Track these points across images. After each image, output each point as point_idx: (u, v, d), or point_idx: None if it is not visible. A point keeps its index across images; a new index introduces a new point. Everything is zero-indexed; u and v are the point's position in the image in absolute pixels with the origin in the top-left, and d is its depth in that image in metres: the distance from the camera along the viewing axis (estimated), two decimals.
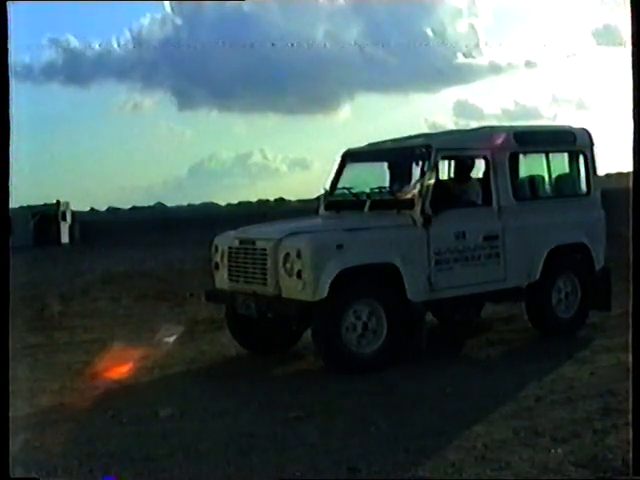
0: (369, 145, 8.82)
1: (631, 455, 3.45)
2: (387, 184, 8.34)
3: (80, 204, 59.03)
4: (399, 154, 8.30)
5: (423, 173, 7.42)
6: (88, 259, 22.76)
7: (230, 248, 7.59)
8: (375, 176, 8.50)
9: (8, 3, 3.11)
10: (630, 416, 3.42)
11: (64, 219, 36.10)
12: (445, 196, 7.46)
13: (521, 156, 8.35)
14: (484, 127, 8.71)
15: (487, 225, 7.65)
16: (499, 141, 7.91)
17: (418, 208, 7.22)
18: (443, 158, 7.85)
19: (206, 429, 5.45)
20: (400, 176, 8.30)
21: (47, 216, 34.94)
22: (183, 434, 5.33)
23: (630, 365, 3.37)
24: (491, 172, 7.81)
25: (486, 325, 8.98)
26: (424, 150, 7.52)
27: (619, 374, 6.01)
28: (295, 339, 7.87)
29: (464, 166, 8.14)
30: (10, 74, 3.18)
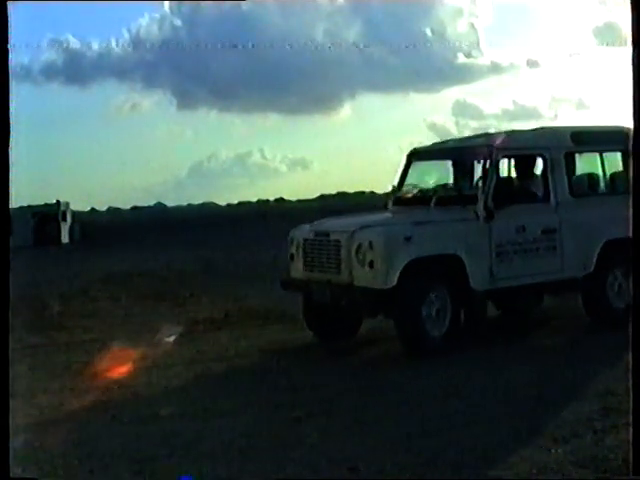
0: (434, 144, 9.62)
1: (631, 455, 3.45)
2: (451, 181, 8.94)
3: (80, 204, 59.16)
4: (462, 153, 8.83)
5: (485, 171, 7.95)
6: (88, 259, 22.75)
7: (305, 240, 8.16)
8: (440, 173, 9.12)
9: (8, 3, 3.11)
10: (630, 416, 3.42)
11: (64, 219, 36.09)
12: (506, 192, 7.98)
13: (577, 155, 8.75)
14: (543, 127, 9.13)
15: (545, 219, 8.12)
16: (556, 141, 8.46)
17: (481, 203, 7.71)
18: (504, 157, 8.33)
19: (206, 429, 5.45)
20: (464, 173, 8.90)
21: (47, 216, 34.93)
22: (183, 434, 5.33)
23: (630, 365, 3.37)
24: (549, 170, 8.30)
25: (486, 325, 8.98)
26: (486, 149, 8.07)
27: (619, 374, 6.00)
28: (358, 327, 8.38)
29: (526, 163, 8.65)
30: (10, 74, 3.18)
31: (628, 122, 3.37)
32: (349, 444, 4.96)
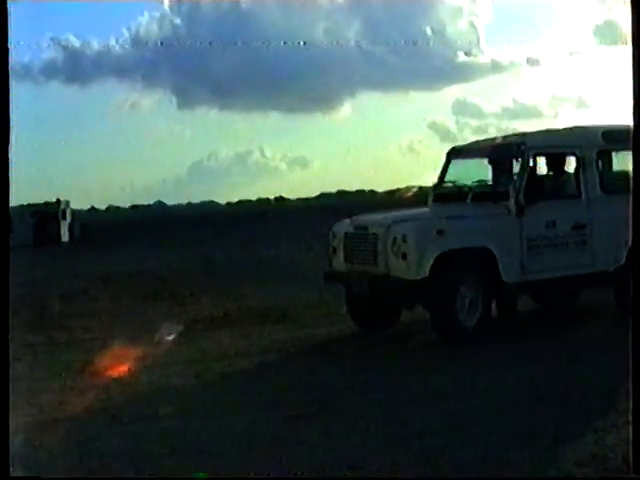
0: (471, 143, 10.05)
1: (631, 454, 3.45)
2: (487, 178, 9.27)
3: (80, 203, 59.09)
4: (497, 151, 9.12)
5: (518, 168, 8.39)
6: (88, 258, 22.75)
7: (346, 234, 8.59)
8: (477, 171, 9.39)
9: (8, 3, 3.11)
10: (630, 415, 3.42)
11: (64, 218, 36.06)
12: (538, 189, 8.33)
13: (608, 153, 9.02)
14: (576, 127, 9.38)
15: (576, 215, 8.46)
16: (588, 139, 8.76)
17: (512, 199, 8.12)
18: (536, 155, 8.66)
19: (206, 429, 5.45)
20: (499, 171, 9.22)
21: (47, 215, 34.90)
22: (183, 433, 5.33)
23: (630, 365, 3.37)
24: (580, 167, 8.65)
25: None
26: (519, 147, 8.47)
27: (619, 374, 6.00)
28: (397, 318, 8.68)
29: (558, 161, 9.02)
30: (10, 74, 3.18)
31: (628, 121, 3.36)
32: (349, 443, 4.96)
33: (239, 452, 4.88)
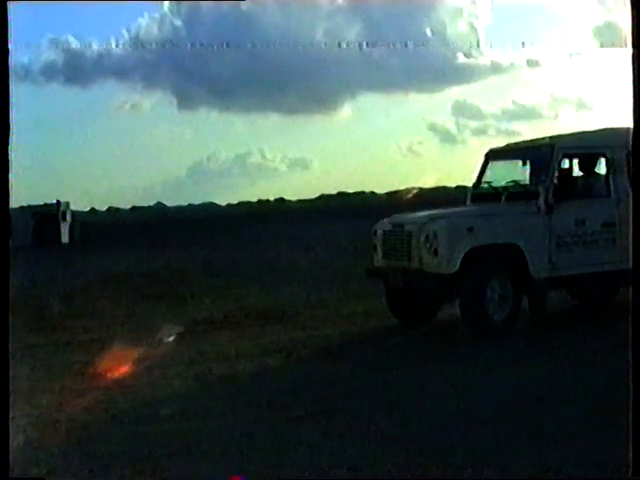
0: (507, 145, 10.45)
1: (631, 455, 3.45)
2: (522, 179, 9.53)
3: (80, 204, 58.83)
4: (530, 153, 9.51)
5: (548, 168, 8.74)
6: (88, 259, 22.74)
7: (385, 232, 9.05)
8: (512, 172, 9.76)
9: (8, 3, 3.11)
10: (630, 416, 3.41)
11: (64, 219, 36.04)
12: (567, 188, 8.77)
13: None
14: (606, 128, 9.55)
15: (605, 214, 8.77)
16: (618, 140, 8.81)
17: (542, 198, 8.48)
18: (564, 156, 9.09)
19: (206, 429, 5.45)
20: (533, 171, 9.46)
21: (47, 216, 34.88)
22: (183, 434, 5.33)
23: (630, 365, 3.37)
24: (610, 168, 8.99)
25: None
26: (548, 149, 8.89)
27: (619, 374, 5.99)
28: (436, 312, 9.04)
29: (588, 162, 9.44)
30: (10, 75, 3.18)
31: (628, 122, 3.36)
32: (349, 444, 4.96)
33: (239, 453, 4.88)
